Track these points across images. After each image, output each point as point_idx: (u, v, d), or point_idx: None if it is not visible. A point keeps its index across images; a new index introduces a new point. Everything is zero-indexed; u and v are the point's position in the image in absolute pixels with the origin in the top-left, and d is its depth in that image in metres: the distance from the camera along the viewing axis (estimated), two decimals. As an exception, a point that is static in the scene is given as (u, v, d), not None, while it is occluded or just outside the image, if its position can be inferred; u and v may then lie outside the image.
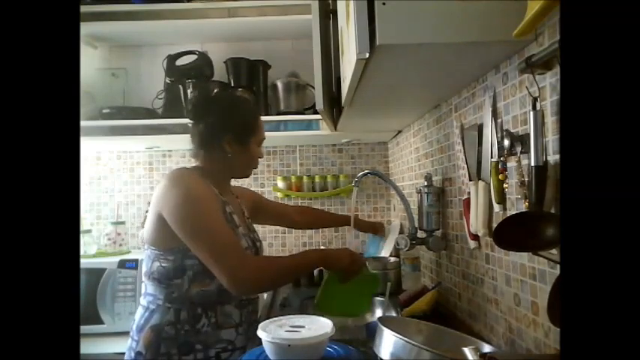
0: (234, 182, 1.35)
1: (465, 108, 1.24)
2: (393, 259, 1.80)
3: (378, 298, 1.67)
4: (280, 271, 1.13)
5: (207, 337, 1.12)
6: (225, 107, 1.24)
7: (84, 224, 2.20)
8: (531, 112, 0.79)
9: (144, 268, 1.18)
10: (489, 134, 1.04)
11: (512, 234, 0.80)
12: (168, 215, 1.09)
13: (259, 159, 1.30)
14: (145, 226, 1.18)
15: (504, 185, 0.98)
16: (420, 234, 1.51)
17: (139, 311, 1.17)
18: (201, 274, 1.11)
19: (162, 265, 1.13)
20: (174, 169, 1.19)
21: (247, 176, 1.31)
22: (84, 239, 2.03)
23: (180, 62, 2.10)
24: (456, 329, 1.03)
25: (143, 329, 1.13)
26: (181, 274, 1.12)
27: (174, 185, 1.12)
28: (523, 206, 0.85)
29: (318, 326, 0.95)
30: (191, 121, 1.25)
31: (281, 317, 1.01)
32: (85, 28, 1.99)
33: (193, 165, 1.26)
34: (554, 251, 0.77)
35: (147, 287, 1.17)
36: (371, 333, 1.08)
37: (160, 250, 1.13)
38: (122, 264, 1.82)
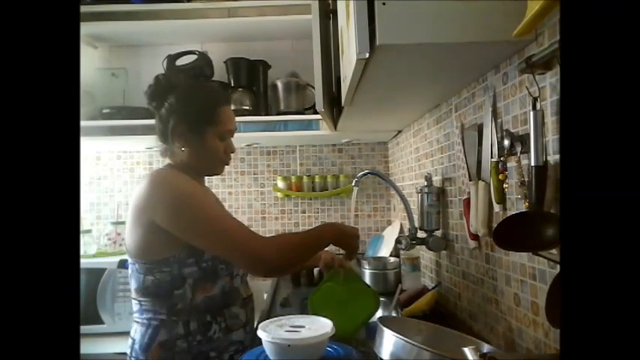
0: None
1: (465, 108, 1.24)
2: (393, 259, 1.80)
3: (379, 298, 1.67)
4: (298, 248, 1.11)
5: (219, 342, 1.08)
6: (178, 95, 1.14)
7: (84, 224, 2.20)
8: (531, 112, 0.79)
9: (133, 284, 1.10)
10: (489, 134, 1.04)
11: (512, 234, 0.80)
12: (164, 220, 1.02)
13: (232, 153, 1.20)
14: (128, 240, 1.09)
15: (504, 185, 0.98)
16: (420, 234, 1.51)
17: (138, 329, 1.09)
18: (202, 279, 1.07)
19: (157, 277, 1.06)
20: (149, 174, 1.09)
21: (217, 173, 1.21)
22: (84, 239, 2.03)
23: (180, 62, 2.10)
24: (456, 329, 1.03)
25: (150, 347, 1.05)
26: (181, 284, 1.06)
27: (159, 187, 1.04)
28: (523, 206, 0.85)
29: (318, 326, 0.95)
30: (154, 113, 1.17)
31: (281, 317, 1.01)
32: (85, 28, 2.00)
33: (166, 163, 1.17)
34: (554, 251, 0.77)
35: (142, 303, 1.09)
36: (371, 333, 1.08)
37: (152, 262, 1.06)
38: (122, 264, 1.81)
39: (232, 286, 1.14)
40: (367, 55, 0.83)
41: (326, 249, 1.21)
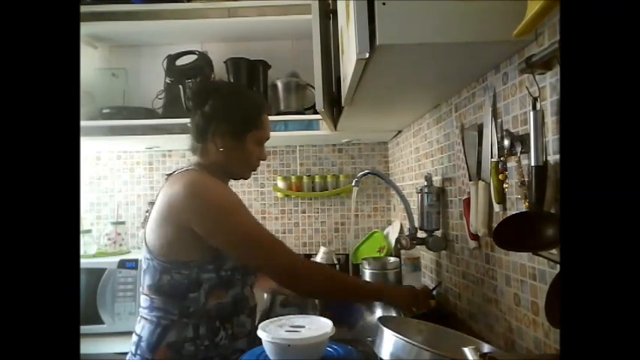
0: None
1: (465, 108, 1.24)
2: (393, 259, 1.80)
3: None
4: (336, 282, 1.15)
5: (224, 349, 1.08)
6: (222, 96, 1.16)
7: (84, 224, 2.19)
8: (531, 112, 0.79)
9: (147, 281, 1.09)
10: (489, 134, 1.04)
11: (512, 234, 0.80)
12: (202, 227, 1.03)
13: (261, 160, 1.22)
14: (151, 237, 1.09)
15: (504, 185, 0.98)
16: (420, 234, 1.51)
17: (146, 327, 1.08)
18: (217, 286, 1.08)
19: (175, 278, 1.06)
20: (184, 175, 1.10)
21: (245, 177, 1.23)
22: (84, 239, 2.02)
23: (180, 62, 2.10)
24: (456, 329, 1.03)
25: (158, 347, 1.05)
26: (197, 288, 1.06)
27: (195, 194, 1.04)
28: (523, 206, 0.85)
29: (318, 326, 0.95)
30: (191, 112, 1.18)
31: (281, 317, 1.01)
32: (85, 28, 1.99)
33: (194, 162, 1.18)
34: (554, 251, 0.77)
35: (153, 301, 1.08)
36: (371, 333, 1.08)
37: (172, 263, 1.06)
38: (122, 264, 1.81)
39: (243, 295, 1.15)
40: (367, 55, 0.83)
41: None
